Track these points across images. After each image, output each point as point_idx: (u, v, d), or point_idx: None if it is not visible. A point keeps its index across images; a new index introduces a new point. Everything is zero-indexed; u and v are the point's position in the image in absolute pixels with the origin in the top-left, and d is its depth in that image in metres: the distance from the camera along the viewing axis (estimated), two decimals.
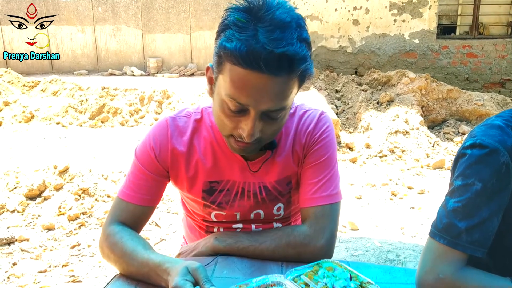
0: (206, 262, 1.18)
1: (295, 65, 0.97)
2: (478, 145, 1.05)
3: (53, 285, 2.77)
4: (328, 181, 1.24)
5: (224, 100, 1.04)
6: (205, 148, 1.25)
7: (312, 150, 1.25)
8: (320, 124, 1.27)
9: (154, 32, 11.23)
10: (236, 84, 0.99)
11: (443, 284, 1.04)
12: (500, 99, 6.70)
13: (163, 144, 1.23)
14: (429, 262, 1.07)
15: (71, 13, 11.16)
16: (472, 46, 7.99)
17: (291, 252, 1.19)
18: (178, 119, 1.26)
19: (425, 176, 4.81)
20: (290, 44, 0.95)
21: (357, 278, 1.02)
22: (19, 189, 3.91)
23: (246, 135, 1.05)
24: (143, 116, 7.12)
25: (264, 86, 0.98)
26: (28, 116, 6.98)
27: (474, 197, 1.04)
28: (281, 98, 1.02)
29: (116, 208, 1.25)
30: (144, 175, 1.24)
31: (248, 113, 1.04)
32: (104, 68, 11.19)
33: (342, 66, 8.10)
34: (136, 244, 1.14)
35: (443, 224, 1.07)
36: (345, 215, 3.74)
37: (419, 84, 6.60)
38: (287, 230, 1.23)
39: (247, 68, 0.96)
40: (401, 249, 3.21)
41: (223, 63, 1.01)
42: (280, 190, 1.29)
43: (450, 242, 1.05)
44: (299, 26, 1.00)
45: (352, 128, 6.33)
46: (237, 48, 0.95)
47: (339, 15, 7.98)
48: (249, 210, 1.30)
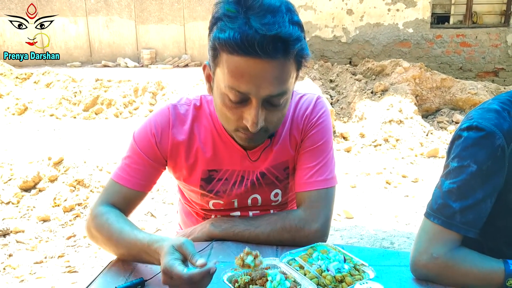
0: (202, 247, 1.19)
1: (289, 46, 0.97)
2: (475, 128, 1.06)
3: (49, 276, 2.78)
4: (324, 165, 1.25)
5: (224, 92, 1.04)
6: (205, 137, 1.25)
7: (309, 134, 1.26)
8: (317, 109, 1.28)
9: (147, 23, 11.15)
10: (234, 73, 0.99)
11: (436, 264, 1.05)
12: (494, 88, 6.72)
13: (164, 132, 1.24)
14: (424, 242, 1.08)
15: (63, 4, 11.05)
16: (465, 35, 8.00)
17: (286, 236, 1.20)
18: (179, 107, 1.26)
19: (419, 165, 4.83)
20: (282, 26, 0.95)
21: (351, 260, 1.03)
22: (14, 181, 3.90)
23: (251, 125, 1.04)
24: (137, 107, 7.10)
25: (262, 71, 0.98)
26: (22, 108, 6.94)
27: (469, 178, 1.05)
28: (280, 82, 1.02)
29: (109, 190, 1.25)
30: (141, 160, 1.23)
31: (250, 103, 1.03)
32: (98, 60, 11.12)
33: (336, 56, 8.10)
34: (122, 226, 1.14)
35: (438, 204, 1.08)
36: (340, 204, 3.76)
37: (413, 73, 6.61)
38: (282, 214, 1.25)
39: (243, 55, 0.96)
40: (395, 236, 3.23)
41: (219, 55, 1.01)
42: (277, 175, 1.29)
43: (444, 222, 1.06)
44: (289, 10, 1.00)
45: (347, 117, 6.34)
46: (231, 36, 0.95)
47: (333, 4, 7.96)
48: (245, 195, 1.30)
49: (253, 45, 0.94)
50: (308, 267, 0.99)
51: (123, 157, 1.27)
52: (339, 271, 0.97)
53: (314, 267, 0.99)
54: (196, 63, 10.56)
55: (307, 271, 0.99)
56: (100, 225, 1.17)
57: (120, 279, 1.06)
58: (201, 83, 7.35)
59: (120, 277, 1.07)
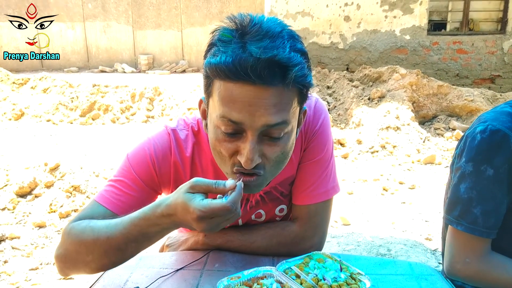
0: (198, 256, 1.18)
1: (288, 71, 0.87)
2: (489, 131, 1.07)
3: (45, 283, 2.77)
4: (325, 178, 1.18)
5: (217, 124, 0.94)
6: (207, 166, 1.17)
7: (311, 144, 1.17)
8: (318, 114, 1.18)
9: (145, 28, 11.17)
10: (226, 100, 0.90)
11: (470, 270, 1.08)
12: (490, 95, 6.75)
13: (166, 158, 1.14)
14: (455, 249, 1.11)
15: (61, 9, 11.06)
16: (462, 42, 8.04)
17: (282, 250, 1.18)
18: (179, 132, 1.17)
19: (416, 171, 4.84)
20: (281, 50, 0.86)
21: (348, 269, 1.03)
22: (10, 186, 3.88)
23: (245, 161, 0.92)
24: (134, 113, 7.09)
25: (256, 98, 0.88)
26: (18, 114, 6.93)
27: (487, 183, 1.07)
28: (278, 110, 0.90)
29: (88, 210, 1.10)
30: (136, 185, 1.12)
31: (244, 136, 0.93)
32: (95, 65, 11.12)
33: (333, 62, 8.12)
34: (107, 221, 1.01)
35: (458, 210, 1.10)
36: (337, 211, 3.76)
37: (410, 80, 6.63)
38: (277, 229, 1.20)
39: (236, 80, 0.87)
40: (392, 243, 3.23)
41: (212, 83, 0.94)
42: (282, 190, 1.22)
43: (468, 228, 1.08)
44: (292, 37, 0.92)
45: (344, 124, 6.35)
46: (223, 60, 0.87)
47: (330, 11, 7.99)
48: (250, 211, 1.25)
49: (246, 69, 0.85)
50: (305, 276, 0.99)
51: (112, 180, 1.14)
52: (336, 280, 0.97)
53: (311, 276, 0.99)
54: (193, 69, 10.58)
55: (304, 280, 0.98)
56: (80, 232, 1.03)
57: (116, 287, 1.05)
58: (198, 88, 7.36)
59: (115, 285, 1.07)
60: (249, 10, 10.49)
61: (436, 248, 3.17)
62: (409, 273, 1.11)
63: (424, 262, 2.91)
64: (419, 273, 1.11)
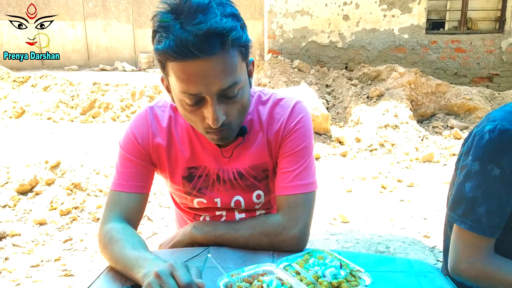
0: (198, 252, 1.19)
1: (225, 38, 0.98)
2: (499, 131, 1.07)
3: (46, 280, 2.78)
4: (303, 170, 1.24)
5: (180, 98, 1.07)
6: (183, 136, 1.28)
7: (287, 140, 1.26)
8: (295, 114, 1.27)
9: (145, 27, 11.16)
10: (181, 78, 1.02)
11: (475, 270, 1.08)
12: (488, 93, 6.77)
13: (144, 132, 1.26)
14: (460, 248, 1.11)
15: (62, 8, 11.05)
16: (460, 41, 8.05)
17: (264, 240, 1.21)
18: (156, 108, 1.30)
19: (415, 169, 4.86)
20: (213, 21, 0.96)
21: (347, 266, 1.03)
22: (11, 184, 3.90)
23: (212, 122, 1.05)
24: (134, 111, 7.10)
25: (206, 70, 1.00)
26: (19, 112, 6.93)
27: (493, 182, 1.07)
28: (227, 74, 1.02)
29: (110, 203, 1.25)
30: (131, 162, 1.26)
31: (206, 101, 1.05)
32: (95, 64, 11.11)
33: (332, 61, 8.13)
34: (119, 250, 1.12)
35: (462, 209, 1.10)
36: (336, 208, 3.78)
37: (409, 78, 6.65)
38: (262, 218, 1.25)
39: (184, 59, 0.98)
40: (391, 241, 3.25)
41: (165, 66, 1.05)
42: (255, 175, 1.30)
43: (471, 227, 1.08)
44: (220, 4, 1.01)
45: (343, 122, 6.37)
46: (168, 45, 0.97)
47: (329, 10, 8.00)
48: (227, 196, 1.31)
49: (188, 47, 0.96)
50: (305, 273, 1.00)
51: (115, 168, 1.29)
52: (336, 277, 0.98)
53: (311, 273, 1.00)
54: None
55: (304, 277, 0.99)
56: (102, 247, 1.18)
57: (115, 286, 1.06)
58: None
59: (115, 284, 1.07)
60: (248, 8, 10.48)
61: (434, 246, 3.19)
62: (409, 270, 1.11)
63: (423, 259, 2.93)
64: (418, 270, 1.11)
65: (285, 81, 6.92)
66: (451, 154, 5.27)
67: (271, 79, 6.94)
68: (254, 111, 1.29)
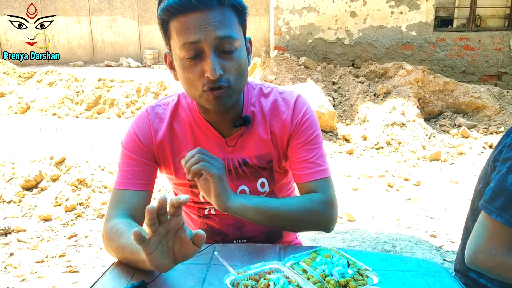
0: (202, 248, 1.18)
1: None
2: None
3: (50, 276, 2.78)
4: (320, 156, 1.30)
5: (181, 56, 1.13)
6: (185, 130, 1.30)
7: (299, 132, 1.30)
8: (299, 107, 1.32)
9: (150, 23, 11.17)
10: (183, 30, 1.10)
11: (494, 262, 1.05)
12: (497, 92, 6.71)
13: (146, 131, 1.29)
14: (483, 239, 1.07)
15: (67, 3, 11.07)
16: (469, 38, 7.99)
17: (313, 219, 1.25)
18: (157, 107, 1.33)
19: (421, 168, 4.82)
20: None
21: (355, 265, 1.02)
22: (16, 179, 3.90)
23: (210, 72, 1.09)
24: (139, 107, 7.10)
25: (204, 19, 1.09)
26: (24, 107, 6.95)
27: None
28: (223, 25, 1.10)
29: (113, 201, 1.26)
30: (133, 161, 1.28)
31: (204, 55, 1.11)
32: (100, 60, 11.14)
33: (339, 58, 8.09)
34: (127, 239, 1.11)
35: (501, 201, 1.06)
36: (342, 207, 3.76)
37: (416, 76, 6.60)
38: (306, 196, 1.28)
39: (185, 12, 1.08)
40: (397, 240, 3.22)
41: (168, 27, 1.14)
42: (259, 165, 1.32)
43: (508, 221, 1.04)
44: None
45: (349, 120, 6.33)
46: (170, 1, 1.09)
47: (336, 6, 7.95)
48: (233, 186, 1.30)
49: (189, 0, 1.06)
50: (312, 272, 0.99)
51: (118, 167, 1.32)
52: (343, 276, 0.97)
53: (318, 272, 0.99)
54: None
55: (311, 275, 0.98)
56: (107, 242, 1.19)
57: (122, 281, 1.06)
58: None
59: (122, 279, 1.07)
60: (254, 5, 10.46)
61: (441, 245, 3.16)
62: (416, 270, 1.10)
63: (429, 259, 2.90)
64: (426, 270, 1.09)
65: (291, 78, 6.88)
66: (459, 153, 5.22)
67: (277, 76, 6.91)
68: (256, 103, 1.32)
